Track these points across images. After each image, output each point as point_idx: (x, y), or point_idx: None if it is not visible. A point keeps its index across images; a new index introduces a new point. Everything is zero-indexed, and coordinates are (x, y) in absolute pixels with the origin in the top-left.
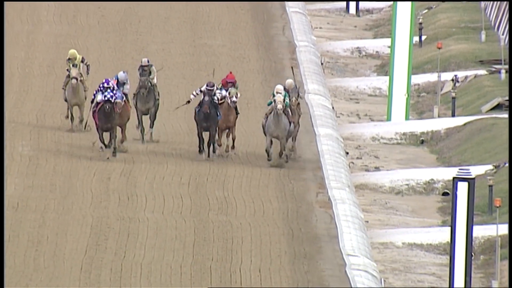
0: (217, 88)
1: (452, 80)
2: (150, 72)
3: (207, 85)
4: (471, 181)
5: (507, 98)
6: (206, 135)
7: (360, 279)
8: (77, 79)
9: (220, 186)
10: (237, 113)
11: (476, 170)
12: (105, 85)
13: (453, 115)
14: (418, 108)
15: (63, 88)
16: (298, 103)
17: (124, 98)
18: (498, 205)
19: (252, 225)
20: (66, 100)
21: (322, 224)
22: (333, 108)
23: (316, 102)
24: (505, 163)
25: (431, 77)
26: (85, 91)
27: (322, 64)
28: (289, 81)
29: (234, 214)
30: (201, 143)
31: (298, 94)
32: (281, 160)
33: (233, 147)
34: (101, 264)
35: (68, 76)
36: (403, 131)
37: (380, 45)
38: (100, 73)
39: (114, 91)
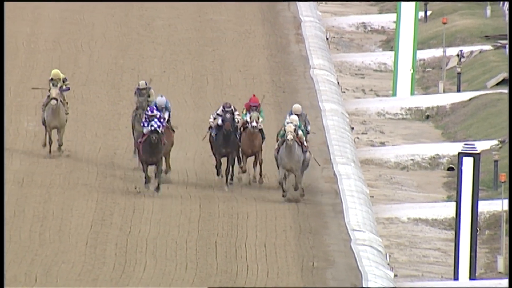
0: (235, 111)
1: (458, 55)
2: (149, 95)
3: (223, 107)
4: (476, 156)
5: None
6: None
7: (365, 254)
8: (57, 100)
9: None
10: (263, 138)
11: (481, 145)
12: (149, 113)
13: (458, 90)
14: (424, 83)
15: (42, 110)
16: (307, 132)
17: (166, 124)
18: (503, 180)
19: (257, 200)
20: (44, 124)
21: (328, 199)
22: (338, 83)
23: (321, 77)
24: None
25: (437, 52)
26: (66, 114)
27: (327, 39)
28: (296, 106)
29: (239, 189)
30: (219, 167)
31: (306, 126)
32: (296, 193)
33: (260, 173)
34: (106, 239)
35: (48, 96)
36: (408, 106)
37: (385, 20)
38: (106, 49)
39: (162, 120)
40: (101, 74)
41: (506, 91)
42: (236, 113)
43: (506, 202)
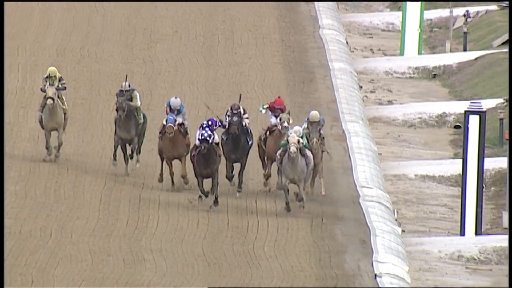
0: (245, 113)
1: (464, 15)
2: (131, 98)
3: (231, 109)
4: (482, 114)
5: None
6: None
7: (373, 210)
8: (53, 100)
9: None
10: None
11: (487, 104)
12: (204, 124)
13: (464, 50)
14: (431, 43)
15: (39, 111)
16: (323, 138)
17: (178, 123)
18: (508, 138)
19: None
20: (41, 125)
21: (336, 157)
22: (347, 42)
23: (330, 37)
24: None
25: (443, 12)
26: (64, 113)
27: None
28: (314, 113)
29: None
30: (229, 172)
31: (320, 134)
32: (300, 203)
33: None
34: (120, 195)
35: (45, 96)
36: (415, 65)
37: None
38: (119, 9)
39: (214, 130)
40: (115, 33)
41: None
42: (245, 115)
43: None
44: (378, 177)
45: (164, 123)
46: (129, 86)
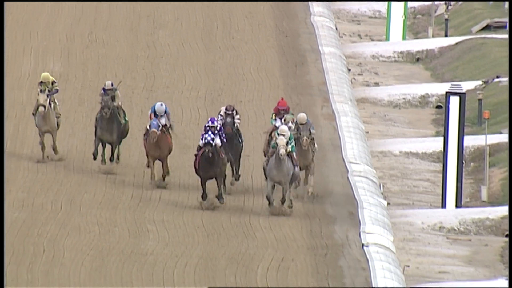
0: (236, 114)
1: (445, 3)
2: (114, 97)
3: (226, 109)
4: (462, 96)
5: (495, 19)
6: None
7: (361, 185)
8: (44, 107)
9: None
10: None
11: (467, 86)
12: (210, 124)
13: (446, 35)
14: (414, 29)
15: (33, 114)
16: (312, 139)
17: (161, 127)
18: (486, 117)
19: (261, 139)
20: (37, 126)
21: (326, 135)
22: (336, 29)
23: (321, 23)
24: (493, 79)
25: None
26: (57, 117)
27: None
28: (301, 115)
29: (246, 132)
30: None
31: (310, 132)
32: (283, 207)
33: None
34: (125, 170)
35: (37, 102)
36: (400, 50)
37: None
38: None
39: (218, 132)
40: (120, 20)
41: (490, 36)
42: (237, 116)
43: (489, 137)
44: (365, 153)
45: (148, 127)
46: (112, 85)
